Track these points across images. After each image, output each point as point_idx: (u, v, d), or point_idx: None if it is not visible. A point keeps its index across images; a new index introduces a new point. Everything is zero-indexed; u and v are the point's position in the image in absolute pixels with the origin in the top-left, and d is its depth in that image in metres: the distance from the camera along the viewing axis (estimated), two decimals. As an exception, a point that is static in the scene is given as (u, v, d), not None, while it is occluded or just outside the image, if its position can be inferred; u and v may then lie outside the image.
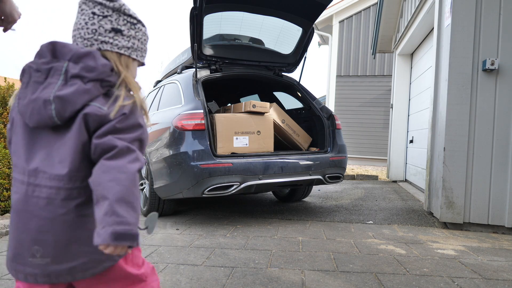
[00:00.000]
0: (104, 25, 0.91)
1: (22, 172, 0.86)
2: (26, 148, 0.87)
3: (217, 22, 3.75)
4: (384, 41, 7.36)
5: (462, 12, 3.16)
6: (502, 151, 3.06)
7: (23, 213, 0.85)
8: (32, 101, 0.84)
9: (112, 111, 0.84)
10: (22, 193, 0.86)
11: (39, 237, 0.84)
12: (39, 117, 0.83)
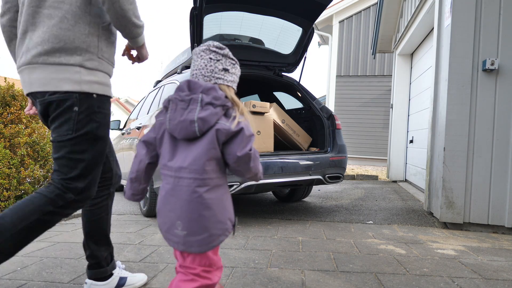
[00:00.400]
0: (218, 66, 1.27)
1: (170, 169, 1.21)
2: (170, 153, 1.23)
3: (217, 22, 3.74)
4: (384, 41, 7.36)
5: (462, 12, 3.16)
6: (502, 151, 3.06)
7: (172, 197, 1.19)
8: (181, 122, 1.18)
9: (232, 125, 1.18)
10: (171, 183, 1.20)
11: (181, 214, 1.17)
12: (186, 132, 1.18)
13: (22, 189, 3.44)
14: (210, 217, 1.18)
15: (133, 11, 1.41)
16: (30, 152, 3.54)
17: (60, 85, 1.38)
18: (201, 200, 1.17)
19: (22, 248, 1.37)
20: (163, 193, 1.22)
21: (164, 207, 1.22)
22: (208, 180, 1.19)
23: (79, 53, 1.41)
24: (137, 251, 2.45)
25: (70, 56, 1.39)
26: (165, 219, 1.22)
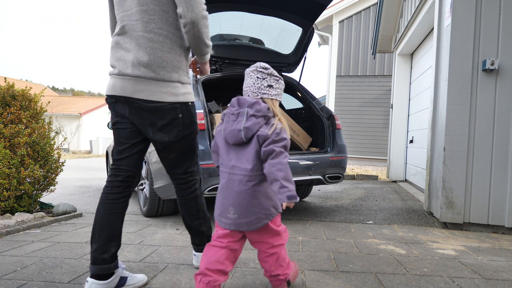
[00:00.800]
0: (264, 83, 1.59)
1: (226, 167, 1.57)
2: (226, 155, 1.58)
3: (217, 22, 3.74)
4: (384, 41, 7.36)
5: (462, 12, 3.16)
6: (502, 151, 3.06)
7: (227, 189, 1.55)
8: (232, 131, 1.52)
9: (269, 132, 1.49)
10: (227, 178, 1.56)
11: (233, 202, 1.52)
12: (236, 138, 1.52)
13: (22, 189, 3.43)
14: (256, 205, 1.51)
15: (207, 34, 1.72)
16: (30, 152, 3.54)
17: (164, 97, 1.71)
18: (249, 191, 1.51)
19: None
20: (220, 186, 1.59)
21: (219, 197, 1.58)
22: (255, 176, 1.52)
23: (176, 70, 1.74)
24: (137, 251, 2.45)
25: (170, 74, 1.72)
26: (219, 206, 1.58)
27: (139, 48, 1.68)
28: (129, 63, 1.69)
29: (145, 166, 3.76)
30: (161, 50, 1.69)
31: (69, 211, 3.78)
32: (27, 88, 3.88)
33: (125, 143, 1.80)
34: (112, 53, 1.78)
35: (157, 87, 1.70)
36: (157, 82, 1.70)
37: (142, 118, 1.74)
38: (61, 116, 25.67)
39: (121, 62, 1.71)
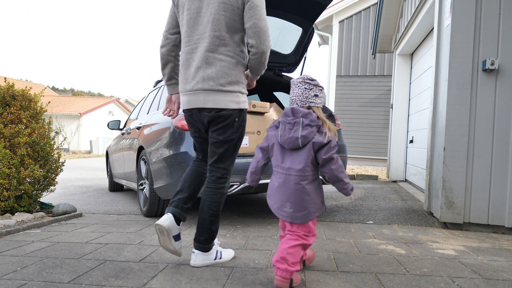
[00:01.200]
0: (311, 93, 1.80)
1: (281, 168, 1.80)
2: (281, 157, 1.81)
3: (217, 22, 3.74)
4: (384, 41, 7.36)
5: (462, 12, 3.16)
6: (502, 151, 3.06)
7: (283, 187, 1.78)
8: (289, 138, 1.75)
9: (324, 139, 1.73)
10: (283, 178, 1.79)
11: (289, 198, 1.77)
12: (293, 144, 1.75)
13: (22, 189, 3.44)
14: (308, 200, 1.76)
15: (267, 60, 2.09)
16: (30, 152, 3.54)
17: (228, 105, 2.04)
18: (303, 189, 1.76)
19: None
20: (276, 184, 1.82)
21: (277, 193, 1.82)
22: (307, 176, 1.76)
23: (238, 84, 2.07)
24: (137, 251, 2.45)
25: (233, 86, 2.04)
26: (276, 201, 1.83)
27: (208, 66, 2.01)
28: (200, 79, 2.02)
29: (145, 166, 3.76)
30: (227, 68, 2.02)
31: (69, 211, 3.78)
32: (27, 88, 3.89)
33: (206, 149, 2.24)
34: (183, 69, 2.11)
35: (222, 96, 2.03)
36: (222, 93, 2.03)
37: (209, 123, 2.10)
38: (61, 116, 25.67)
39: (194, 79, 2.05)
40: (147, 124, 3.92)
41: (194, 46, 2.05)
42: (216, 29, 1.99)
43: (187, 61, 2.07)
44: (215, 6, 1.98)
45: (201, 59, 2.02)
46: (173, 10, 2.15)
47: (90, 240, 2.75)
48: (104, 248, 2.52)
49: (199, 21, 2.04)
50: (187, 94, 2.08)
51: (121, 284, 1.87)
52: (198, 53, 2.03)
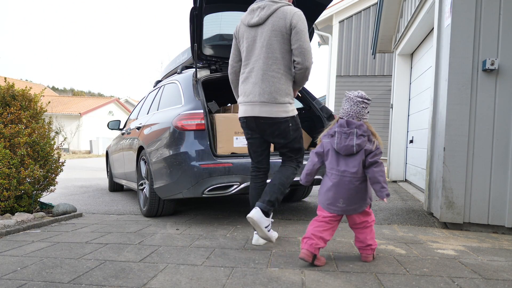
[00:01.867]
0: (365, 111, 2.17)
1: (336, 171, 2.14)
2: (336, 161, 2.15)
3: (217, 22, 3.75)
4: (384, 41, 7.36)
5: (462, 12, 3.16)
6: (502, 151, 3.06)
7: (338, 186, 2.12)
8: (345, 145, 2.10)
9: (373, 147, 2.11)
10: (338, 179, 2.13)
11: (343, 195, 2.11)
12: (348, 151, 2.11)
13: (22, 189, 3.44)
14: (360, 197, 2.14)
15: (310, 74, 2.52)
16: (30, 152, 3.54)
17: (280, 114, 2.48)
18: (355, 188, 2.12)
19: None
20: (330, 184, 2.15)
21: (330, 192, 2.14)
22: (359, 177, 2.13)
23: (287, 96, 2.51)
24: (137, 251, 2.45)
25: (283, 98, 2.48)
26: (328, 198, 2.15)
27: (264, 82, 2.45)
28: (257, 93, 2.46)
29: (145, 166, 3.76)
30: (279, 83, 2.46)
31: (69, 211, 3.78)
32: (27, 88, 3.89)
33: (257, 151, 2.67)
34: (242, 85, 2.58)
35: (275, 107, 2.46)
36: (275, 105, 2.46)
37: (265, 130, 2.54)
38: (61, 116, 25.67)
39: (251, 93, 2.49)
40: (147, 124, 3.92)
41: (252, 66, 2.52)
42: (269, 52, 2.45)
43: (246, 78, 2.55)
44: (268, 33, 2.44)
45: (257, 77, 2.47)
46: (235, 43, 2.67)
47: (90, 240, 2.75)
48: (104, 248, 2.52)
49: (255, 46, 2.51)
50: (245, 105, 2.54)
51: (121, 284, 1.87)
52: (255, 71, 2.49)
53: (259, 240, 2.57)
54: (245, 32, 2.56)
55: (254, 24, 2.50)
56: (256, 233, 2.55)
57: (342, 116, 2.18)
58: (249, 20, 2.54)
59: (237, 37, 2.65)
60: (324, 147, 2.21)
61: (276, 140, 2.58)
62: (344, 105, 2.18)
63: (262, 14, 2.47)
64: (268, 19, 2.46)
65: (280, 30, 2.42)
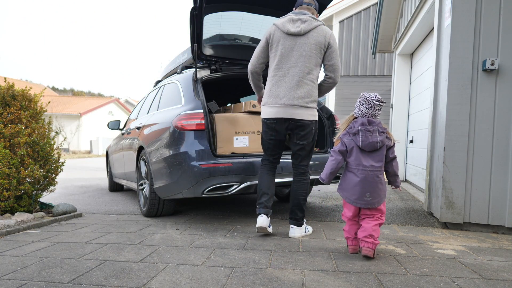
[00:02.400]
0: (378, 112, 2.37)
1: (363, 167, 2.30)
2: (361, 158, 2.32)
3: (217, 22, 3.74)
4: (384, 41, 7.36)
5: (462, 12, 3.16)
6: (502, 151, 3.06)
7: (365, 181, 2.29)
8: (371, 142, 2.28)
9: (391, 142, 2.35)
10: (364, 174, 2.29)
11: (369, 189, 2.29)
12: (372, 147, 2.29)
13: (22, 189, 3.44)
14: (382, 189, 2.33)
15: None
16: (30, 152, 3.54)
17: (309, 117, 2.76)
18: (379, 181, 2.32)
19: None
20: (357, 180, 2.32)
21: (357, 186, 2.31)
22: (382, 171, 2.34)
23: (315, 102, 2.79)
24: (137, 251, 2.45)
25: (313, 104, 2.77)
26: (355, 193, 2.32)
27: (298, 87, 2.70)
28: (292, 97, 2.69)
29: (145, 166, 3.76)
30: (311, 90, 2.73)
31: (69, 211, 3.78)
32: (27, 88, 3.89)
33: (276, 150, 2.89)
34: (274, 88, 2.76)
35: (306, 111, 2.73)
36: (306, 108, 2.73)
37: (292, 130, 2.79)
38: (61, 116, 25.67)
39: (285, 96, 2.71)
40: (147, 124, 3.92)
41: (286, 71, 2.72)
42: (307, 62, 2.70)
43: (279, 82, 2.74)
44: (308, 46, 2.69)
45: (293, 82, 2.70)
46: (265, 46, 2.82)
47: (90, 240, 2.75)
48: (104, 248, 2.52)
49: (292, 54, 2.71)
50: (277, 107, 2.73)
51: (121, 284, 1.87)
52: (290, 76, 2.71)
53: (295, 233, 2.84)
54: (282, 38, 2.73)
55: (294, 33, 2.70)
56: (292, 227, 2.85)
57: (358, 115, 2.38)
58: (289, 29, 2.71)
59: (270, 41, 2.79)
60: (348, 145, 2.36)
61: (299, 142, 2.80)
62: (361, 107, 2.37)
63: (303, 27, 2.69)
64: (309, 33, 2.70)
65: (320, 45, 2.70)
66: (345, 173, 2.40)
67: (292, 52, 2.71)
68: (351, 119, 2.43)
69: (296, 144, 2.82)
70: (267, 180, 2.87)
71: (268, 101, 2.77)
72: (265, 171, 2.91)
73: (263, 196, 2.82)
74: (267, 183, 2.86)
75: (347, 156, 2.37)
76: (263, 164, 2.93)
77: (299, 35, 2.70)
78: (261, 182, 2.87)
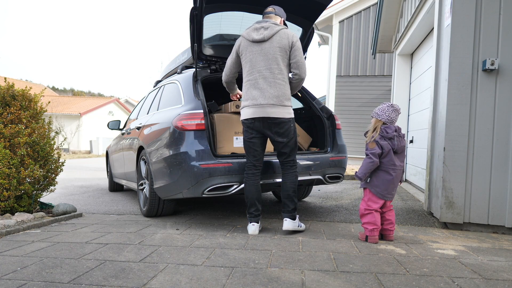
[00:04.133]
0: (396, 117, 2.75)
1: (395, 166, 2.72)
2: (395, 159, 2.72)
3: (217, 22, 3.74)
4: (384, 41, 7.36)
5: (462, 12, 3.16)
6: (502, 151, 3.06)
7: (396, 179, 2.75)
8: (402, 146, 2.73)
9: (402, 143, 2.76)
10: (396, 172, 2.73)
11: (396, 185, 2.81)
12: (402, 150, 2.76)
13: (22, 189, 3.44)
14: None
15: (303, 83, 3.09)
16: (30, 152, 3.54)
17: (285, 115, 2.89)
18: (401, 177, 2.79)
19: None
20: (391, 178, 2.70)
21: (391, 184, 2.71)
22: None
23: (289, 100, 2.93)
24: (137, 251, 2.45)
25: (287, 101, 2.91)
26: (389, 188, 2.72)
27: (271, 88, 2.86)
28: (266, 97, 2.84)
29: (145, 166, 3.76)
30: (284, 89, 2.89)
31: (69, 211, 3.78)
32: (27, 88, 3.88)
33: (257, 150, 2.96)
34: (248, 91, 2.92)
35: (282, 109, 2.87)
36: (282, 107, 2.87)
37: (270, 129, 2.90)
38: (61, 116, 25.65)
39: (260, 97, 2.86)
40: (147, 124, 3.92)
41: (257, 75, 2.89)
42: (275, 63, 2.88)
43: (253, 86, 2.90)
44: (273, 49, 2.87)
45: (266, 83, 2.86)
46: (235, 57, 3.02)
47: (90, 240, 2.75)
48: (104, 248, 2.52)
49: (259, 59, 2.89)
50: (254, 107, 2.86)
51: (121, 284, 1.87)
52: (261, 79, 2.87)
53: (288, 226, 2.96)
54: (249, 47, 2.94)
55: (258, 40, 2.90)
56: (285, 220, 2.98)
57: (387, 121, 2.72)
58: (253, 37, 2.92)
59: (239, 51, 3.00)
60: (384, 148, 2.67)
61: (280, 139, 2.92)
62: (390, 114, 2.71)
63: (266, 33, 2.89)
64: (272, 37, 2.89)
65: (284, 47, 2.88)
66: (378, 171, 2.71)
67: (260, 56, 2.89)
68: (379, 124, 2.72)
69: (278, 142, 2.93)
70: (254, 189, 2.97)
71: (245, 104, 2.93)
72: (250, 180, 2.98)
73: (252, 207, 2.96)
74: (254, 192, 2.97)
75: (382, 157, 2.69)
76: (248, 171, 2.99)
77: (263, 41, 2.90)
78: (248, 192, 2.97)
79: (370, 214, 2.69)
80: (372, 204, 2.71)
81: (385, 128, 2.69)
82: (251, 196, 2.97)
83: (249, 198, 2.97)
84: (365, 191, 2.80)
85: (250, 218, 2.98)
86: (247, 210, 3.00)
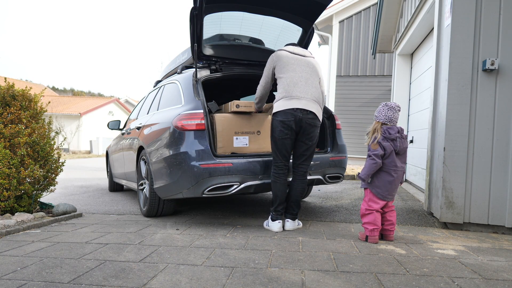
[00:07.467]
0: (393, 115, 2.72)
1: (396, 167, 2.69)
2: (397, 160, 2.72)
3: (217, 22, 3.74)
4: (384, 41, 7.36)
5: (462, 12, 3.16)
6: (502, 151, 3.06)
7: (397, 180, 2.73)
8: (405, 147, 2.73)
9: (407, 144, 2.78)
10: (397, 173, 2.71)
11: (397, 186, 2.77)
12: (404, 151, 2.75)
13: (22, 189, 3.43)
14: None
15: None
16: (30, 152, 3.54)
17: (319, 115, 3.07)
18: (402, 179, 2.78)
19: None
20: (392, 179, 2.69)
21: (392, 184, 2.71)
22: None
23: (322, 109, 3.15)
24: (137, 251, 2.45)
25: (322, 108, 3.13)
26: (388, 189, 2.71)
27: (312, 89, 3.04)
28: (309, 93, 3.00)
29: (145, 166, 3.76)
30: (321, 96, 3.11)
31: (69, 211, 3.78)
32: (27, 88, 3.88)
33: (289, 150, 3.05)
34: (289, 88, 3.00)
35: (319, 110, 3.05)
36: (320, 108, 3.07)
37: (306, 128, 2.99)
38: (61, 116, 25.65)
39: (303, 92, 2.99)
40: (147, 124, 3.92)
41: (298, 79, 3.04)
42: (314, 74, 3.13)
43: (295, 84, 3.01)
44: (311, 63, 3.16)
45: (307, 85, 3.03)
46: (271, 69, 3.17)
47: (90, 240, 2.75)
48: (104, 248, 2.52)
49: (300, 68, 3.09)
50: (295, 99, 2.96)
51: (121, 284, 1.87)
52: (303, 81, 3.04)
53: (289, 226, 3.09)
54: (287, 58, 3.11)
55: (298, 53, 3.15)
56: (287, 221, 3.10)
57: (385, 121, 2.71)
58: (293, 51, 3.16)
59: (276, 61, 3.13)
60: (387, 149, 2.67)
61: (308, 142, 3.04)
62: (387, 112, 2.71)
63: (302, 52, 3.18)
64: (307, 58, 3.17)
65: (318, 71, 3.17)
66: (379, 172, 2.71)
67: (300, 66, 3.08)
68: (379, 126, 2.72)
69: (303, 144, 3.03)
70: (284, 189, 3.07)
71: (284, 95, 3.01)
72: (282, 180, 3.06)
73: (280, 205, 3.05)
74: (284, 191, 3.07)
75: (384, 158, 2.69)
76: (279, 171, 3.06)
77: (304, 56, 3.16)
78: (278, 190, 3.05)
79: (371, 214, 2.70)
80: (373, 204, 2.72)
81: (387, 129, 2.68)
82: (281, 194, 3.05)
83: (279, 196, 3.04)
84: (366, 191, 2.79)
85: (276, 216, 3.05)
86: (273, 208, 3.06)
